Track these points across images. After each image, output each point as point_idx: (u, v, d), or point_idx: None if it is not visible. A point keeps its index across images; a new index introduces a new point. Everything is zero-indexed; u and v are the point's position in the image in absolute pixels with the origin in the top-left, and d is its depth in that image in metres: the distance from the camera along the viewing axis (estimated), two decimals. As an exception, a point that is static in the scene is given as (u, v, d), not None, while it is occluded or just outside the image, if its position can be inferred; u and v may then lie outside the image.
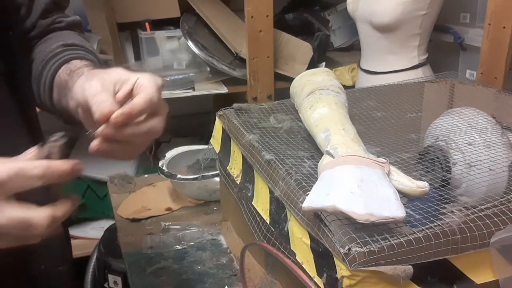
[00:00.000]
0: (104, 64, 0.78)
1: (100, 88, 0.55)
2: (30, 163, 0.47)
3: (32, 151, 0.50)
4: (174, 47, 1.95)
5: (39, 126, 0.78)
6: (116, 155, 0.56)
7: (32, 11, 0.76)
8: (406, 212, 0.52)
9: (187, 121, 2.13)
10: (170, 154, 1.23)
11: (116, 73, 0.58)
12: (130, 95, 0.56)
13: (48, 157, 0.50)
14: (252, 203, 0.76)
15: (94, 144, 0.53)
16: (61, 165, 0.49)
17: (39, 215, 0.47)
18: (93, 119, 0.54)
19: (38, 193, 0.48)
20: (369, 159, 0.59)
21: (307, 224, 0.58)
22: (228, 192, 0.87)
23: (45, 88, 0.72)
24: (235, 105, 0.89)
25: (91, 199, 1.83)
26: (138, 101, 0.54)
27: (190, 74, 1.93)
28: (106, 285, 1.43)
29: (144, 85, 0.56)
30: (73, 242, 0.90)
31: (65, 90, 0.66)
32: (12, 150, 0.51)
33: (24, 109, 0.72)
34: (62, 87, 0.68)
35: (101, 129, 0.53)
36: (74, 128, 0.70)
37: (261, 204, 0.73)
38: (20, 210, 0.46)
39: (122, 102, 0.55)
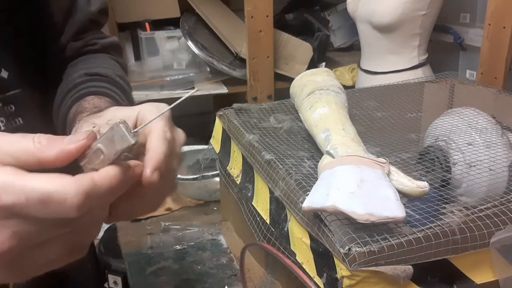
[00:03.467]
0: (130, 91, 0.72)
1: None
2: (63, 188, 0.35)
3: (86, 134, 0.38)
4: (174, 47, 1.96)
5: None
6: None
7: (64, 32, 0.71)
8: (406, 212, 0.52)
9: (187, 121, 2.12)
10: (170, 154, 1.23)
11: (110, 113, 0.50)
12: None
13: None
14: (252, 203, 0.75)
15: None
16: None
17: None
18: None
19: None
20: (369, 159, 0.59)
21: (307, 224, 0.58)
22: (228, 192, 0.87)
23: (59, 128, 0.65)
24: (235, 105, 0.89)
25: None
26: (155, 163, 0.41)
27: (190, 74, 1.93)
28: (106, 285, 1.43)
29: (154, 131, 0.44)
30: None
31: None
32: None
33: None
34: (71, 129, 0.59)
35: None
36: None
37: (261, 204, 0.73)
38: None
39: None
